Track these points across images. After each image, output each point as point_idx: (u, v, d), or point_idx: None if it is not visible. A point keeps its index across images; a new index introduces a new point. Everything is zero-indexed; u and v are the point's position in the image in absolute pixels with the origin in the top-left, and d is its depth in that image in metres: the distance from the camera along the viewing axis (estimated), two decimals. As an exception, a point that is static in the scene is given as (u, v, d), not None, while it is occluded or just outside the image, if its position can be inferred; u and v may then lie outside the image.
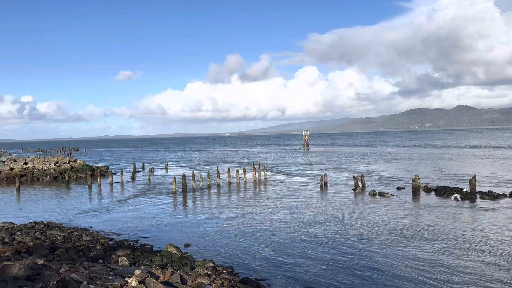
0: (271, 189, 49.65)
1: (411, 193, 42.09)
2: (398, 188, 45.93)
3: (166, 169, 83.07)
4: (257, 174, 58.68)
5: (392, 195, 41.71)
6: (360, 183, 46.52)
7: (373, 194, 42.26)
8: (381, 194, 41.92)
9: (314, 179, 57.14)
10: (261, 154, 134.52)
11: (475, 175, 41.33)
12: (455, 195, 39.17)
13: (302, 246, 24.33)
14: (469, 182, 40.00)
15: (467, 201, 37.19)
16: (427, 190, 43.51)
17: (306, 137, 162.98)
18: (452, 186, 43.64)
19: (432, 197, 40.19)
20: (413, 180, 43.44)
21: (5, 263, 14.06)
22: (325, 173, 52.58)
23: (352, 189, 45.89)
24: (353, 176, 48.64)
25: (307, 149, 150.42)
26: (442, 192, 41.23)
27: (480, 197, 38.39)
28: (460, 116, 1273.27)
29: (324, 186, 48.48)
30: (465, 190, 40.30)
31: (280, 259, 22.02)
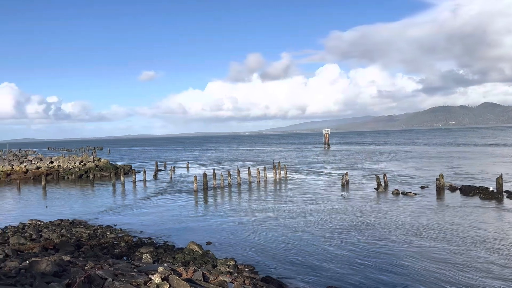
0: (292, 188, 49.51)
1: (435, 192, 41.30)
2: (422, 187, 45.15)
3: (187, 167, 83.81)
4: (277, 173, 58.59)
5: (416, 194, 41.02)
6: (382, 182, 45.91)
7: (396, 193, 41.64)
8: (405, 193, 41.26)
9: (335, 178, 56.70)
10: (281, 153, 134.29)
11: (501, 174, 40.25)
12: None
13: (324, 246, 24.16)
14: (496, 181, 38.97)
15: (494, 201, 36.27)
16: (452, 189, 42.62)
17: (327, 135, 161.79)
18: (477, 185, 42.54)
19: (457, 197, 39.32)
20: (437, 179, 42.62)
21: (33, 259, 14.45)
22: (347, 172, 52.12)
23: (375, 188, 45.34)
24: (376, 175, 48.06)
25: (328, 148, 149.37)
26: (468, 191, 40.30)
27: (507, 197, 37.36)
28: (486, 114, 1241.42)
29: (345, 185, 48.05)
30: (491, 189, 39.27)
31: (302, 258, 21.94)
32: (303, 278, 18.93)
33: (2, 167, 73.11)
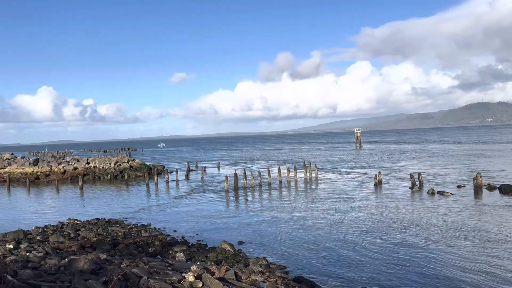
0: (324, 188, 49.04)
1: (473, 192, 39.93)
2: (458, 187, 43.74)
3: (218, 167, 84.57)
4: (308, 172, 58.17)
5: (452, 193, 39.79)
6: (417, 182, 44.81)
7: (431, 193, 40.53)
8: (441, 193, 40.10)
9: (368, 178, 55.76)
10: (311, 152, 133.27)
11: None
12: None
13: (358, 246, 23.80)
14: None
15: (536, 201, 34.73)
16: (490, 188, 41.08)
17: (358, 134, 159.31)
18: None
19: (496, 196, 37.89)
20: (475, 178, 41.21)
21: (72, 257, 14.94)
22: (379, 172, 51.14)
23: (409, 188, 44.30)
24: (410, 174, 46.95)
25: (360, 147, 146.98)
26: (507, 190, 38.76)
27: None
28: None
29: (378, 185, 47.17)
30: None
31: (334, 258, 21.69)
32: (336, 278, 18.71)
33: (41, 168, 76.01)
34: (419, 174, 46.54)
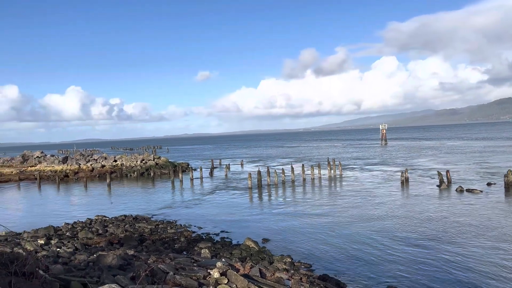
0: (348, 186, 48.50)
1: (504, 189, 38.72)
2: (488, 184, 42.52)
3: (242, 165, 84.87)
4: (332, 170, 57.66)
5: (481, 191, 38.70)
6: (445, 179, 43.79)
7: (460, 190, 39.55)
8: (470, 191, 39.07)
9: (394, 175, 54.84)
10: (335, 149, 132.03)
11: None
12: None
13: (384, 245, 23.46)
14: None
15: None
16: (523, 186, 39.74)
17: (384, 131, 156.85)
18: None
19: (528, 194, 36.63)
20: (505, 175, 39.95)
21: (100, 253, 15.27)
22: (406, 169, 50.22)
23: (437, 185, 43.34)
24: (438, 171, 45.92)
25: (385, 144, 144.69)
26: (541, 188, 37.42)
27: None
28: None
29: (405, 183, 46.32)
30: None
31: (360, 257, 21.43)
32: (361, 277, 18.49)
33: (70, 166, 78.02)
34: (447, 171, 45.44)
